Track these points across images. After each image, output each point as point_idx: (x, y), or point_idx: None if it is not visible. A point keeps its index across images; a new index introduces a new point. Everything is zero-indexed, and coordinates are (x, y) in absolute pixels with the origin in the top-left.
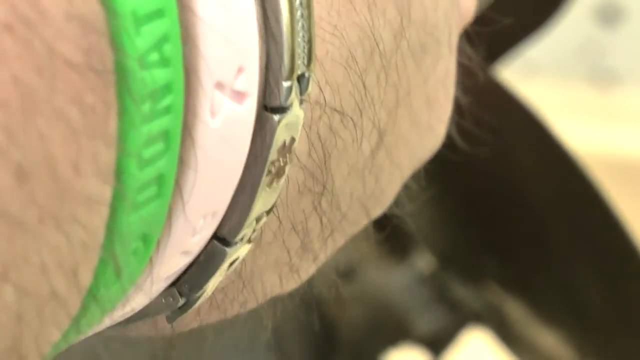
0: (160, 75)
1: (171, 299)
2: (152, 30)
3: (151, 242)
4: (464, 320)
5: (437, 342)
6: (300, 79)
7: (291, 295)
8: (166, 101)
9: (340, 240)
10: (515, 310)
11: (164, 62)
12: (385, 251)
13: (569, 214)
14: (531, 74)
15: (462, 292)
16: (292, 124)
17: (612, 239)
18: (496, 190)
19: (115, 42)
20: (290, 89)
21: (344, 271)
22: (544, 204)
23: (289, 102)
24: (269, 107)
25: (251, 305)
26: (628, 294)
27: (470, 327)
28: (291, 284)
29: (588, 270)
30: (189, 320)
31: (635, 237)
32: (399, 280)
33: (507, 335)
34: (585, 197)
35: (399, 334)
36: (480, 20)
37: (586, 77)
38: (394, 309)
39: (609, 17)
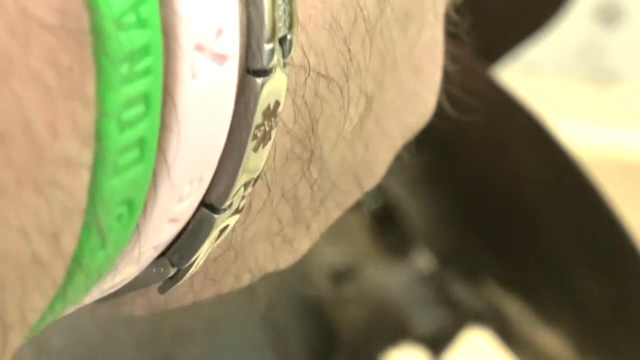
0: (137, 36)
1: (162, 269)
2: None
3: (136, 208)
4: (464, 319)
5: (437, 342)
6: (283, 41)
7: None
8: (145, 63)
9: (333, 211)
10: (515, 310)
11: (141, 23)
12: (385, 250)
13: (568, 212)
14: (531, 74)
15: (462, 291)
16: (275, 87)
17: (612, 238)
18: (495, 189)
19: (90, 3)
20: (272, 51)
21: (343, 271)
22: (543, 202)
23: (271, 65)
24: (252, 70)
25: (246, 279)
26: (628, 292)
27: (471, 327)
28: (286, 257)
29: (588, 269)
30: (182, 294)
31: (634, 236)
32: (398, 280)
33: (507, 334)
34: (584, 195)
35: (398, 334)
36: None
37: (586, 77)
38: (393, 308)
39: (609, 17)
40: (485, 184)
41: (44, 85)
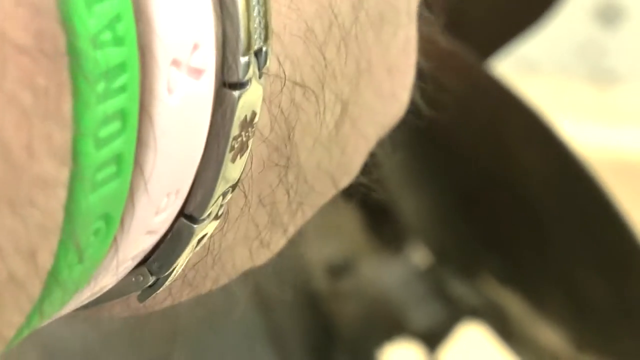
0: (113, 54)
1: (141, 278)
2: (103, 10)
3: (113, 222)
4: (460, 315)
5: (433, 337)
6: (258, 53)
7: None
8: (121, 80)
9: (308, 212)
10: (514, 305)
11: (118, 41)
12: (381, 245)
13: (568, 207)
14: (531, 74)
15: (459, 287)
16: (251, 98)
17: (613, 234)
18: (495, 183)
19: (67, 24)
20: (248, 64)
21: (339, 265)
22: (543, 197)
23: (247, 77)
24: (228, 83)
25: (223, 281)
26: (628, 288)
27: (466, 322)
28: (262, 258)
29: (588, 264)
30: (161, 299)
31: (636, 232)
32: (395, 275)
33: (505, 330)
34: (587, 190)
35: (394, 328)
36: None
37: (586, 77)
38: (389, 303)
39: (609, 17)
40: (484, 178)
41: (20, 106)
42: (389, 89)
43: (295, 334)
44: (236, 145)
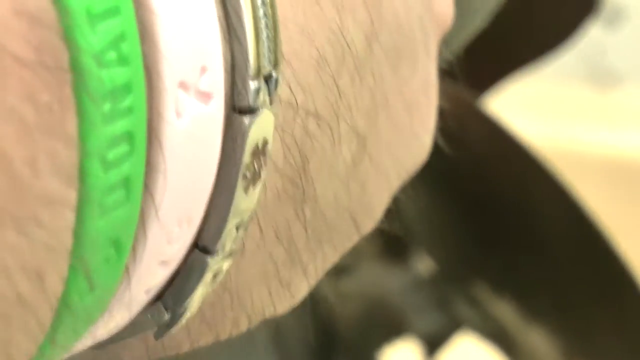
0: (119, 74)
1: (156, 314)
2: (107, 29)
3: (124, 249)
4: (459, 323)
5: (431, 342)
6: (268, 79)
7: None
8: (127, 101)
9: (330, 254)
10: (507, 313)
11: (122, 60)
12: (385, 251)
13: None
14: (531, 75)
15: (458, 297)
16: (263, 125)
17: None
18: (497, 196)
19: (69, 39)
20: (258, 89)
21: (341, 266)
22: (545, 215)
23: (258, 102)
24: (238, 109)
25: (243, 324)
26: (616, 296)
27: (465, 331)
28: (283, 302)
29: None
30: (180, 341)
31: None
32: (396, 280)
33: (499, 339)
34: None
35: (394, 331)
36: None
37: (586, 77)
38: (390, 307)
39: (609, 17)
40: (487, 191)
41: (22, 121)
42: (409, 128)
43: (296, 333)
44: (248, 175)
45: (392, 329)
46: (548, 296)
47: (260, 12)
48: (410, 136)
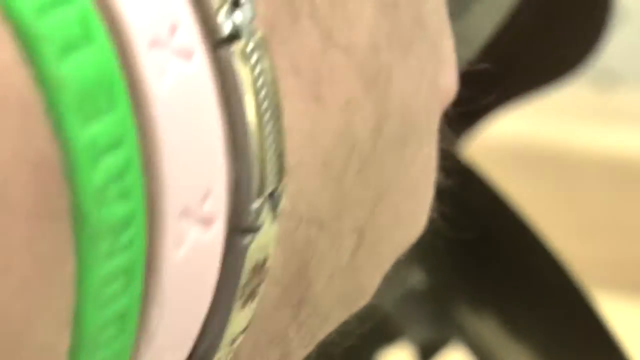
0: (119, 209)
1: None
2: (110, 163)
3: None
4: (450, 336)
5: (424, 354)
6: (272, 195)
7: None
8: (126, 236)
9: (321, 337)
10: (488, 331)
11: (123, 194)
12: None
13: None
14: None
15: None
16: (264, 242)
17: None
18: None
19: (71, 181)
20: (260, 208)
21: None
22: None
23: (259, 221)
24: (239, 229)
25: None
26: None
27: (456, 344)
28: None
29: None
30: None
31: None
32: (390, 290)
33: (484, 355)
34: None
35: (388, 337)
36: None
37: (586, 77)
38: (385, 314)
39: None
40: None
41: (19, 274)
42: (407, 211)
43: None
44: (247, 291)
45: (387, 335)
46: (532, 312)
47: (267, 128)
48: (408, 217)
